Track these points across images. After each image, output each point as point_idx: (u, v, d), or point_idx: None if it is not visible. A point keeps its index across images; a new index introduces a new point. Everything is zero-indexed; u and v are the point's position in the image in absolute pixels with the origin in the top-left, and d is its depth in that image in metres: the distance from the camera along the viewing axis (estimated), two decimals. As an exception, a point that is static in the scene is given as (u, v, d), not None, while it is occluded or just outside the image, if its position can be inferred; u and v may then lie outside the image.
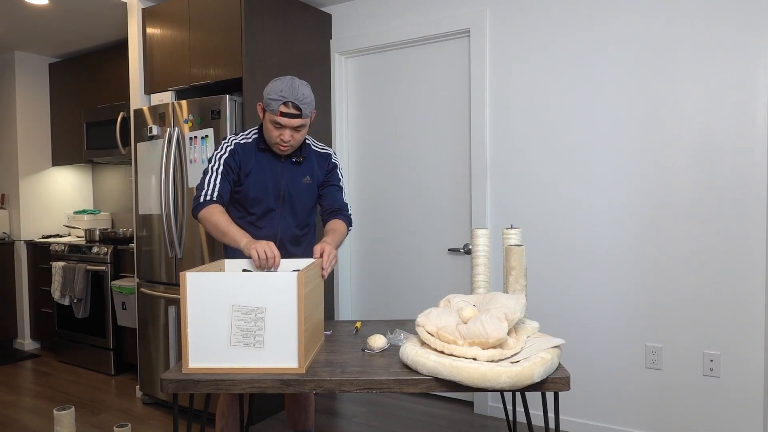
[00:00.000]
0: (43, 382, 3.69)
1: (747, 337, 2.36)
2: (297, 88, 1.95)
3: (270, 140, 2.04)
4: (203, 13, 3.02)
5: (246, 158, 2.08)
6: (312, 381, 1.48)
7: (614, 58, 2.61)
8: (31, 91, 4.53)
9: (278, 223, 2.14)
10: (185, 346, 1.54)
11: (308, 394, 2.32)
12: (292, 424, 2.33)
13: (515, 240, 1.77)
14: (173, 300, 3.04)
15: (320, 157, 2.21)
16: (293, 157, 2.12)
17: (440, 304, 1.72)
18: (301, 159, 2.13)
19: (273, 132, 2.00)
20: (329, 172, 2.22)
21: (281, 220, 2.13)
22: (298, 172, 2.13)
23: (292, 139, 2.01)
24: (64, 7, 3.45)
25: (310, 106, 2.00)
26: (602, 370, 2.70)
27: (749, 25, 2.32)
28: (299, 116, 1.97)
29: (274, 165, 2.10)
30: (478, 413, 3.05)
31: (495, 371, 1.40)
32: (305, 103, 1.97)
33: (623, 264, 2.62)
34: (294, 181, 2.13)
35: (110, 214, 4.67)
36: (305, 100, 1.97)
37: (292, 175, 2.12)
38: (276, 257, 1.82)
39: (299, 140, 2.05)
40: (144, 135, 3.16)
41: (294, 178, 2.13)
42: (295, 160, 2.12)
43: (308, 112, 2.00)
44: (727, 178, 2.38)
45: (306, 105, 1.97)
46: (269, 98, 1.96)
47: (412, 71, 3.26)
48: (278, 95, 1.94)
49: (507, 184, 2.93)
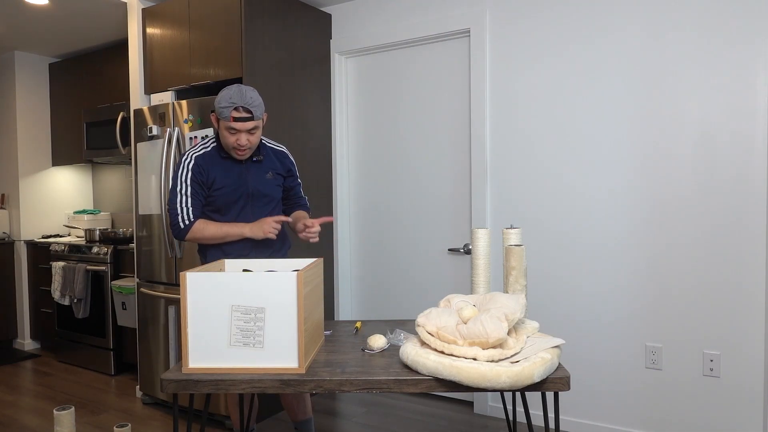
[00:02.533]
0: (43, 382, 3.69)
1: (747, 337, 2.36)
2: (245, 93, 2.04)
3: (228, 147, 2.13)
4: (203, 13, 3.02)
5: (209, 168, 2.16)
6: (312, 381, 1.48)
7: (614, 58, 2.61)
8: (31, 91, 4.53)
9: (251, 221, 2.23)
10: (185, 346, 1.54)
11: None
12: (291, 415, 2.36)
13: (515, 240, 1.77)
14: (173, 300, 3.04)
15: (277, 153, 2.34)
16: (254, 157, 2.22)
17: (440, 304, 1.72)
18: (261, 157, 2.24)
19: (230, 138, 2.09)
20: (289, 172, 2.36)
21: (253, 217, 2.23)
22: (261, 170, 2.25)
23: (248, 142, 2.11)
24: (64, 7, 3.45)
25: (260, 108, 2.09)
26: (602, 370, 2.70)
27: (749, 26, 2.31)
28: (251, 119, 2.07)
29: (238, 168, 2.20)
30: (478, 413, 3.05)
31: (495, 371, 1.39)
32: (254, 106, 2.06)
33: (623, 264, 2.62)
34: (259, 178, 2.23)
35: (110, 214, 4.67)
36: (254, 103, 2.06)
37: (257, 173, 2.23)
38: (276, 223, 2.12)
39: (255, 142, 2.14)
40: (144, 135, 3.16)
41: (258, 176, 2.23)
42: (256, 159, 2.23)
43: (259, 114, 2.09)
44: (727, 179, 2.38)
45: (255, 107, 2.07)
46: (220, 107, 2.05)
47: (412, 71, 3.26)
48: (228, 102, 2.03)
49: (507, 184, 2.93)
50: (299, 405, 2.32)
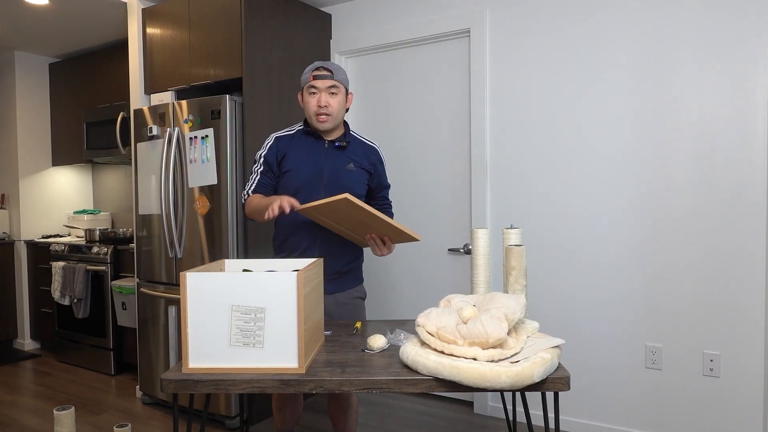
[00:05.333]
0: (43, 382, 3.69)
1: (747, 337, 2.36)
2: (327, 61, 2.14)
3: (310, 113, 2.08)
4: (203, 13, 3.02)
5: (285, 149, 2.12)
6: (312, 381, 1.48)
7: (614, 58, 2.61)
8: (31, 91, 4.53)
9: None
10: (185, 346, 1.54)
11: (349, 397, 2.22)
12: (334, 426, 2.27)
13: (515, 240, 1.77)
14: (173, 300, 3.04)
15: (366, 146, 2.21)
16: (336, 142, 2.13)
17: (440, 304, 1.72)
18: (345, 144, 2.13)
19: (311, 102, 2.06)
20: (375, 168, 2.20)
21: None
22: (341, 158, 2.12)
23: (328, 105, 2.05)
24: (64, 7, 3.45)
25: (343, 74, 2.09)
26: (602, 370, 2.70)
27: (749, 25, 2.31)
28: (331, 77, 2.06)
29: (317, 149, 2.11)
30: (478, 413, 3.05)
31: (495, 371, 1.39)
32: (336, 68, 2.08)
33: (623, 264, 2.62)
34: (338, 167, 2.10)
35: (110, 214, 4.67)
36: (335, 66, 2.08)
37: (336, 159, 2.11)
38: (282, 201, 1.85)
39: (337, 110, 2.07)
40: (144, 135, 3.16)
41: (338, 164, 2.11)
42: (339, 145, 2.12)
43: (340, 77, 2.08)
44: (727, 179, 2.38)
45: (337, 70, 2.07)
46: (304, 75, 2.10)
47: (412, 71, 3.26)
48: (310, 67, 2.09)
49: (507, 184, 2.93)
50: (340, 420, 2.23)
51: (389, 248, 2.04)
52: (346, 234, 2.07)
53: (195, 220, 2.95)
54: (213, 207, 2.88)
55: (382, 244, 2.03)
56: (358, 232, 2.02)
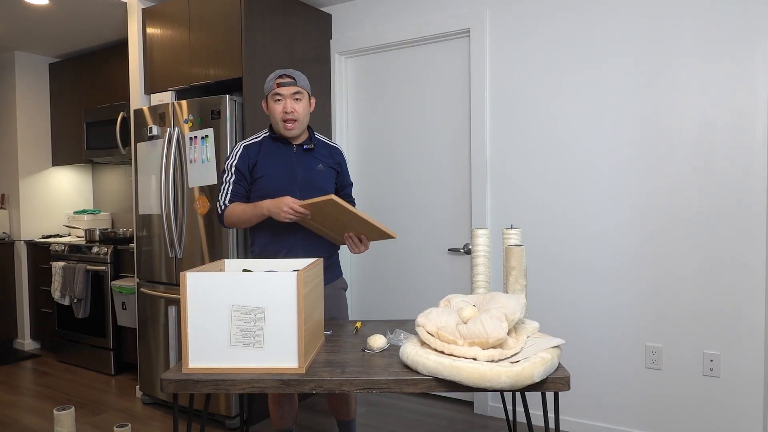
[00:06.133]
0: (43, 382, 3.69)
1: (747, 337, 2.36)
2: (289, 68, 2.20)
3: (276, 121, 2.15)
4: (203, 13, 3.02)
5: (255, 156, 2.18)
6: (312, 381, 1.48)
7: (615, 59, 2.61)
8: (31, 91, 4.53)
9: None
10: (185, 346, 1.54)
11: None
12: (335, 414, 2.36)
13: (515, 240, 1.77)
14: (173, 300, 3.04)
15: (330, 147, 2.31)
16: (305, 145, 2.21)
17: (440, 304, 1.72)
18: (312, 146, 2.22)
19: (276, 109, 2.13)
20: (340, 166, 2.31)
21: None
22: (311, 160, 2.21)
23: (294, 110, 2.11)
24: (64, 8, 3.45)
25: (304, 80, 2.15)
26: (602, 370, 2.70)
27: (749, 24, 2.31)
28: (294, 83, 2.12)
29: (287, 153, 2.19)
30: (478, 413, 3.05)
31: (495, 371, 1.39)
32: (297, 75, 2.13)
33: (623, 264, 2.62)
34: (309, 167, 2.20)
35: (110, 214, 4.67)
36: (297, 73, 2.14)
37: (307, 162, 2.20)
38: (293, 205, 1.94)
39: (302, 113, 2.15)
40: (144, 135, 3.16)
41: (308, 165, 2.20)
42: (307, 148, 2.21)
43: (302, 83, 2.14)
44: (727, 178, 2.38)
45: (298, 76, 2.13)
46: (267, 83, 2.16)
47: (413, 71, 3.26)
48: (273, 75, 2.15)
49: (507, 184, 2.93)
50: (342, 406, 2.31)
51: (365, 245, 2.16)
52: (324, 233, 2.18)
53: (195, 220, 2.95)
54: (213, 207, 2.88)
55: (359, 242, 2.14)
56: (337, 231, 2.13)
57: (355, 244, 2.14)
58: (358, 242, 2.14)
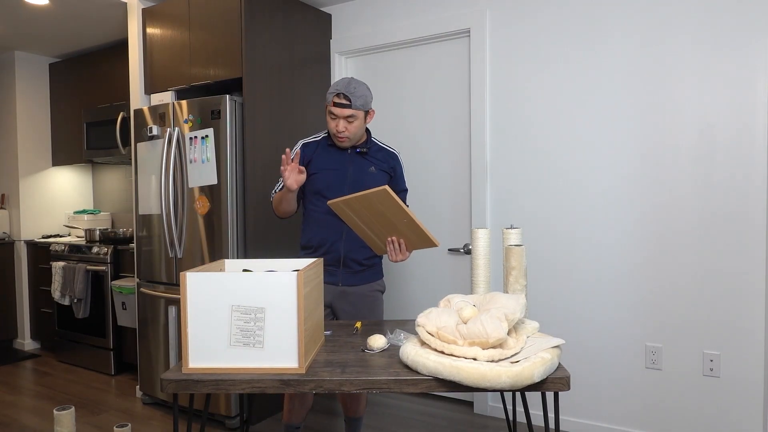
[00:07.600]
0: (43, 382, 3.69)
1: (747, 337, 2.36)
2: (350, 83, 2.13)
3: (331, 132, 2.20)
4: (203, 13, 3.02)
5: (311, 153, 2.24)
6: (312, 381, 1.48)
7: (614, 57, 2.61)
8: (31, 91, 4.53)
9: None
10: (185, 346, 1.54)
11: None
12: (344, 410, 2.39)
13: (515, 240, 1.77)
14: (173, 300, 3.04)
15: (386, 152, 2.33)
16: (358, 148, 2.25)
17: (440, 304, 1.72)
18: (366, 150, 2.25)
19: (330, 123, 2.17)
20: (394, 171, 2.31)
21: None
22: (364, 162, 2.25)
23: (346, 129, 2.14)
24: (64, 8, 3.45)
25: (362, 99, 2.13)
26: (602, 370, 2.70)
27: (749, 25, 2.31)
28: (349, 106, 2.12)
29: (341, 154, 2.24)
30: (478, 413, 3.05)
31: (495, 371, 1.39)
32: (355, 96, 2.12)
33: (624, 264, 2.62)
34: (361, 170, 2.24)
35: (110, 214, 4.67)
36: (356, 93, 2.12)
37: (359, 163, 2.25)
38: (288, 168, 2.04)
39: (354, 132, 2.17)
40: (144, 135, 3.16)
41: (361, 168, 2.24)
42: (360, 151, 2.25)
43: (358, 105, 2.13)
44: (727, 178, 2.38)
45: (355, 98, 2.12)
46: (328, 93, 2.16)
47: (412, 71, 3.26)
48: (333, 89, 2.14)
49: (507, 184, 2.93)
50: (353, 403, 2.36)
51: (405, 254, 2.08)
52: (367, 236, 2.11)
53: (195, 220, 2.95)
54: (213, 207, 2.88)
55: (399, 250, 2.06)
56: (381, 232, 2.04)
57: (395, 250, 2.06)
58: (398, 249, 2.05)
